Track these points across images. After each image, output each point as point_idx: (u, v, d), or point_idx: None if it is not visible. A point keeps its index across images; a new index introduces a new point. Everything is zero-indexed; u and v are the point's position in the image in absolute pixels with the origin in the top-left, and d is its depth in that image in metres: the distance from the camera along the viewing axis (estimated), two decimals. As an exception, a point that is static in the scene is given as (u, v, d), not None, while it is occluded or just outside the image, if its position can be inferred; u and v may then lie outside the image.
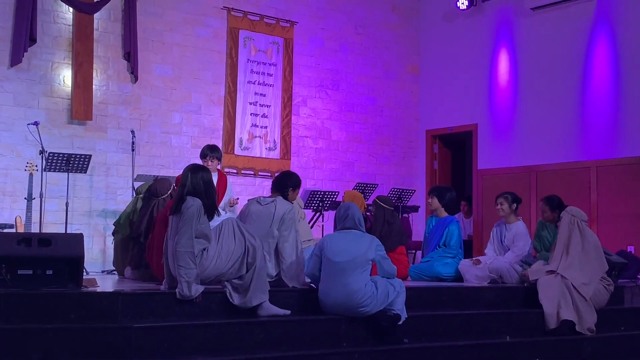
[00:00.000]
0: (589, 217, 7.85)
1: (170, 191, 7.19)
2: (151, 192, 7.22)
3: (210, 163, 7.77)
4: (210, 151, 7.87)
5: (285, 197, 6.42)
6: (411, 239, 10.83)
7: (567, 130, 11.03)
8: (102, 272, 9.06)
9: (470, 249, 10.87)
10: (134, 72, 10.21)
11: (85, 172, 9.11)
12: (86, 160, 8.91)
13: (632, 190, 10.26)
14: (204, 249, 5.56)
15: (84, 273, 6.13)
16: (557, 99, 11.16)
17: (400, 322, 5.88)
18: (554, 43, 11.27)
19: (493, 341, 6.43)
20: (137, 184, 8.92)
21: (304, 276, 6.26)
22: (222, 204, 7.93)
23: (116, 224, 7.77)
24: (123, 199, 9.70)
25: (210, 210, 5.67)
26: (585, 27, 10.93)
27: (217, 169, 8.08)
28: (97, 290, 5.68)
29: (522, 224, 8.11)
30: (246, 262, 5.61)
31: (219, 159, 8.01)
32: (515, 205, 8.10)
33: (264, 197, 6.53)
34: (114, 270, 8.22)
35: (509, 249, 7.99)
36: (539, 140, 11.34)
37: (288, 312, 5.78)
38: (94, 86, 9.88)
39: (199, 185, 5.65)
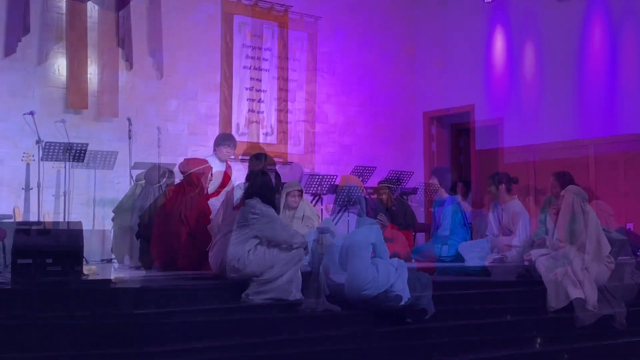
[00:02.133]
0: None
1: (165, 180, 7.15)
2: (146, 179, 7.20)
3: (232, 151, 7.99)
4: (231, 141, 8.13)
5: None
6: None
7: (564, 109, 10.99)
8: (102, 260, 9.02)
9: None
10: (128, 59, 10.15)
11: (82, 161, 9.08)
12: (83, 149, 8.88)
13: (630, 168, 10.25)
14: (256, 245, 5.80)
15: (84, 262, 6.12)
16: (554, 77, 11.11)
17: (427, 317, 5.86)
18: (549, 20, 11.22)
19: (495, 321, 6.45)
20: (135, 172, 8.90)
21: None
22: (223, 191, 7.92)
23: (115, 210, 7.75)
24: (121, 187, 9.65)
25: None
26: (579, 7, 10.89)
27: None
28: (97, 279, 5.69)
29: (518, 203, 8.10)
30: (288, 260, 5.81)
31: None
32: (495, 186, 8.08)
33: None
34: (113, 259, 8.21)
35: (509, 230, 7.99)
36: (537, 119, 11.31)
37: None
38: (89, 75, 9.84)
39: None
